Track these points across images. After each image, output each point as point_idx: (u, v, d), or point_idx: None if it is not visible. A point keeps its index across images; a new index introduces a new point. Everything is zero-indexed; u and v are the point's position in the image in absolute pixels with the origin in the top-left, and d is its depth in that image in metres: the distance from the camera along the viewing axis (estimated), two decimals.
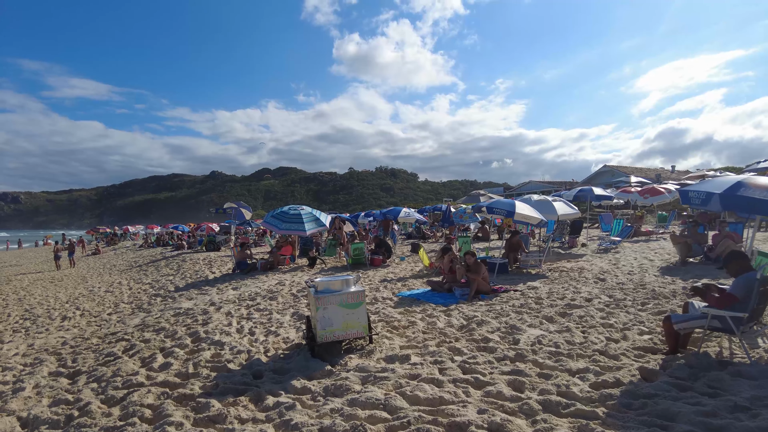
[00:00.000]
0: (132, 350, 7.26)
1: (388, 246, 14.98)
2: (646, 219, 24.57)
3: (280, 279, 12.70)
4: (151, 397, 5.04)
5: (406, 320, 7.28)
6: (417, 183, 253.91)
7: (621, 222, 17.87)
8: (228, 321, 8.34)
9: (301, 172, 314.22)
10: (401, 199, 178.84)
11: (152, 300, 12.19)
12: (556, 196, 17.11)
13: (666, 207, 25.43)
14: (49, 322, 10.96)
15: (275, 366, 5.65)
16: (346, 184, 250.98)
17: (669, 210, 23.49)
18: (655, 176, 43.48)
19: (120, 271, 21.09)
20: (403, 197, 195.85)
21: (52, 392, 5.91)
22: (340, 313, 5.69)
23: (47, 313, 12.16)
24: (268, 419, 4.20)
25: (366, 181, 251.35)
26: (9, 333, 10.32)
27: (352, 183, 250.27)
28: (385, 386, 4.66)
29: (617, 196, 25.43)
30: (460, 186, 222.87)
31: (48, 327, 10.44)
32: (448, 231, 17.40)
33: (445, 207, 22.54)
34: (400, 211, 18.61)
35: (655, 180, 37.37)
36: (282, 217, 15.65)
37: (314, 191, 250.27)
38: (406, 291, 9.83)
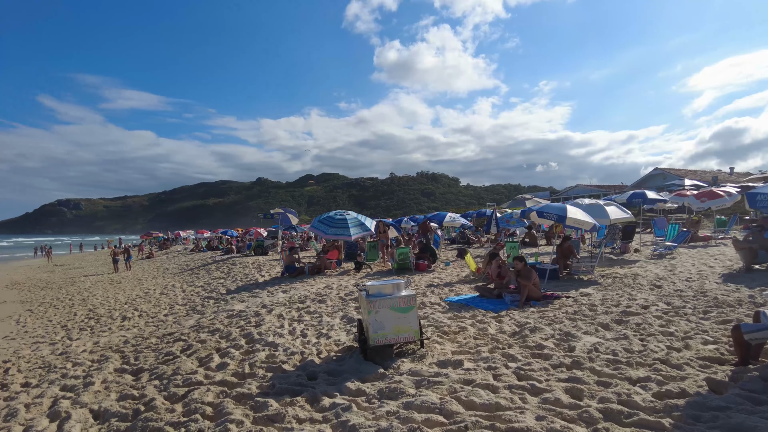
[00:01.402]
0: (189, 350, 7.55)
1: (432, 251, 14.95)
2: (704, 224, 23.46)
3: (327, 283, 12.89)
4: (211, 396, 5.23)
5: (456, 326, 7.24)
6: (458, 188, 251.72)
7: (676, 227, 17.13)
8: (280, 323, 8.54)
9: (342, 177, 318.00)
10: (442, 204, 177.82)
11: (205, 302, 12.63)
12: (607, 200, 16.61)
13: (725, 211, 24.19)
14: (111, 322, 11.55)
15: (328, 368, 5.76)
16: (387, 190, 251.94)
17: (729, 214, 22.32)
18: (712, 179, 41.44)
19: (173, 274, 21.95)
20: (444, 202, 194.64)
21: (119, 387, 6.23)
22: (392, 316, 5.73)
23: (109, 313, 12.82)
24: (325, 420, 4.28)
25: (407, 186, 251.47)
26: (77, 331, 10.95)
27: (393, 188, 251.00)
28: (440, 391, 4.66)
29: (671, 199, 24.41)
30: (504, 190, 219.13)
31: (110, 326, 11.00)
32: (494, 236, 17.16)
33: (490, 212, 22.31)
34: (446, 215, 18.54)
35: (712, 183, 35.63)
36: (328, 222, 15.91)
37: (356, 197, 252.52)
38: (453, 296, 9.78)
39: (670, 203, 22.84)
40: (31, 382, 7.17)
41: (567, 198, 43.95)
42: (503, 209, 27.35)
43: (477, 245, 22.29)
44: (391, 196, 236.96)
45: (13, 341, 10.65)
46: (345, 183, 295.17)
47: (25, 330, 11.85)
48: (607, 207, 13.26)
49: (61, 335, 10.64)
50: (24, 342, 10.39)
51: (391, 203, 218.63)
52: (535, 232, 20.14)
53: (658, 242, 16.46)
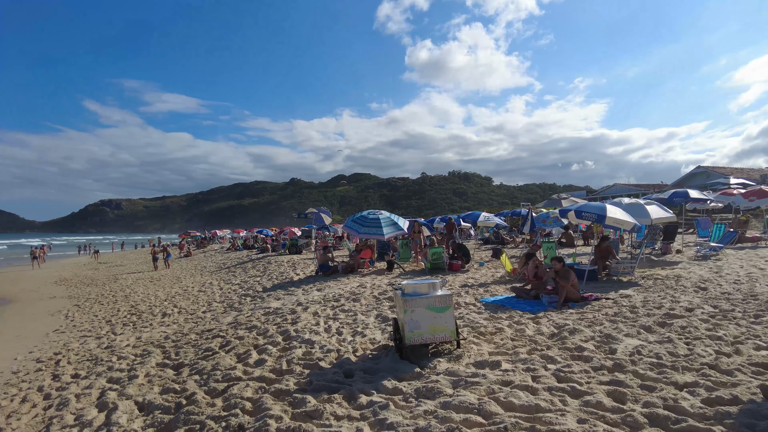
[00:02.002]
0: (228, 346, 7.72)
1: (466, 250, 14.82)
2: (752, 224, 22.45)
3: (360, 282, 12.96)
4: (250, 391, 5.33)
5: (492, 326, 7.16)
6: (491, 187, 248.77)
7: (722, 227, 16.45)
8: (315, 321, 8.64)
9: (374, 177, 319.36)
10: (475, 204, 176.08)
11: (242, 299, 12.89)
12: (647, 199, 16.10)
13: None
14: (152, 318, 11.92)
15: (365, 366, 5.79)
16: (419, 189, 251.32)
17: None
18: (761, 177, 39.63)
19: (210, 272, 22.48)
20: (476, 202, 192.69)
21: (161, 381, 6.43)
22: (428, 316, 5.72)
23: (149, 310, 13.23)
24: (363, 417, 4.31)
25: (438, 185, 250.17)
26: (120, 326, 11.35)
27: (425, 188, 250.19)
28: (478, 391, 4.62)
29: (716, 198, 23.46)
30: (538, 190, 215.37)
31: (151, 322, 11.36)
32: (529, 236, 16.86)
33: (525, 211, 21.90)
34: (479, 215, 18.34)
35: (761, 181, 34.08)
36: (361, 222, 15.99)
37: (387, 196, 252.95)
38: (489, 297, 9.68)
39: (714, 203, 21.97)
40: (80, 373, 7.49)
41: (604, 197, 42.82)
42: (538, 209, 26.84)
43: (512, 246, 21.99)
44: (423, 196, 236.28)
45: (62, 334, 11.13)
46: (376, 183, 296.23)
47: (73, 324, 12.36)
48: (647, 206, 12.86)
49: (106, 330, 11.05)
50: (72, 335, 10.85)
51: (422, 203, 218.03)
52: (573, 233, 19.70)
53: (702, 243, 15.85)
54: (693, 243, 17.93)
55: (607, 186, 62.70)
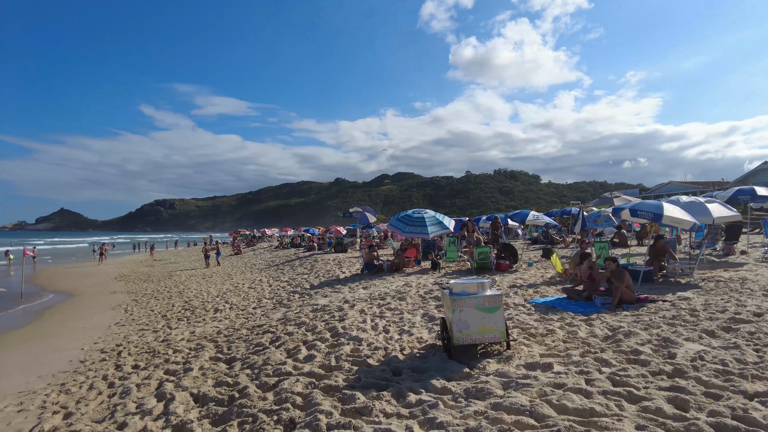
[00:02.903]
0: (278, 342, 7.90)
1: (514, 250, 14.53)
2: None
3: (406, 281, 12.95)
4: (300, 386, 5.43)
5: (543, 328, 6.99)
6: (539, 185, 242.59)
7: None
8: (362, 318, 8.70)
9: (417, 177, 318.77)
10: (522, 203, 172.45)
11: (291, 296, 13.15)
12: (708, 197, 15.27)
13: None
14: (205, 313, 12.35)
15: (412, 365, 5.77)
16: (463, 188, 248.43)
17: None
18: None
19: (260, 269, 23.07)
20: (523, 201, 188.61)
21: (214, 374, 6.65)
22: (477, 316, 5.64)
23: (202, 305, 13.72)
24: (412, 416, 4.29)
25: (483, 184, 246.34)
26: (175, 320, 11.83)
27: (469, 186, 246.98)
28: (529, 393, 4.52)
29: None
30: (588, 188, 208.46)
31: (204, 317, 11.77)
32: (579, 236, 16.34)
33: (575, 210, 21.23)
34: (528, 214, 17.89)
35: None
36: (406, 221, 15.97)
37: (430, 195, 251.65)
38: (539, 298, 9.45)
39: None
40: (140, 364, 7.86)
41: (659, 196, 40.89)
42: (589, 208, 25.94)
43: (562, 246, 21.38)
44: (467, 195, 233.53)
45: (123, 327, 11.72)
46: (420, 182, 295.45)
47: (132, 318, 12.99)
48: (708, 204, 12.19)
49: (161, 324, 11.55)
50: (132, 329, 11.40)
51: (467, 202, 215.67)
52: (626, 232, 18.93)
53: None
54: (760, 244, 16.87)
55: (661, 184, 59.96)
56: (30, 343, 11.24)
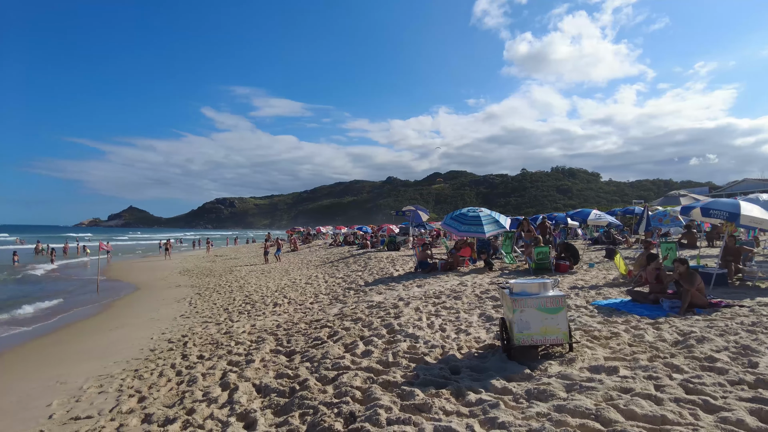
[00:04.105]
0: (335, 336, 8.04)
1: (574, 251, 14.05)
2: None
3: (461, 280, 12.82)
4: (359, 381, 5.50)
5: (607, 330, 6.72)
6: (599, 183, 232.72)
7: None
8: (418, 316, 8.70)
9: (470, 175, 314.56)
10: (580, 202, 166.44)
11: (346, 293, 13.34)
12: None
13: None
14: (264, 307, 12.73)
15: (471, 364, 5.71)
16: (518, 186, 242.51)
17: None
18: None
19: (315, 266, 23.56)
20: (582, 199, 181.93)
21: (275, 366, 6.85)
22: (539, 317, 5.50)
23: (262, 300, 14.16)
24: (472, 414, 4.25)
25: (540, 182, 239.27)
26: (236, 314, 12.28)
27: (525, 185, 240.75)
28: (594, 397, 4.36)
29: None
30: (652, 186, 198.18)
31: (264, 311, 12.14)
32: (644, 236, 15.57)
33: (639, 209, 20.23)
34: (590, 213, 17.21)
35: None
36: (461, 219, 15.80)
37: (484, 194, 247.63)
38: (602, 300, 9.09)
39: None
40: (204, 355, 8.22)
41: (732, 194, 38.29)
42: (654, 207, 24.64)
43: (624, 246, 20.46)
44: (523, 194, 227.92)
45: (187, 319, 12.30)
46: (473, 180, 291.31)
47: (196, 310, 13.61)
48: None
49: (224, 317, 12.02)
50: (196, 321, 11.94)
51: (522, 201, 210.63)
52: (696, 232, 17.86)
53: None
54: None
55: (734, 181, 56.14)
56: (105, 330, 12.03)
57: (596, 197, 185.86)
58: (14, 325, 13.04)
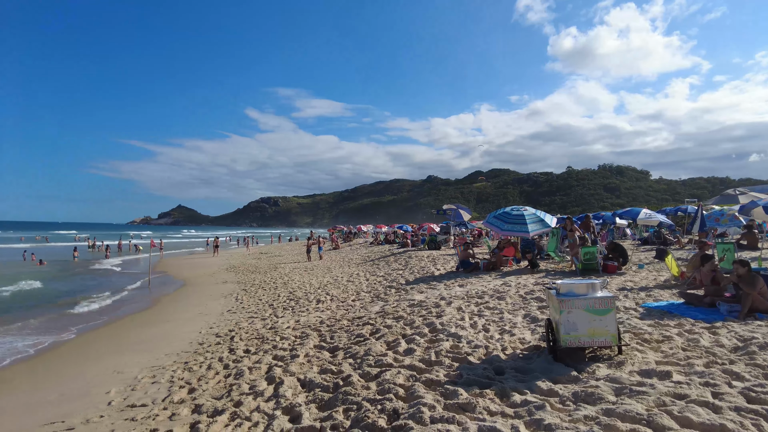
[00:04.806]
0: (377, 334, 8.09)
1: (623, 251, 13.56)
2: None
3: (504, 280, 12.63)
4: (402, 378, 5.52)
5: (659, 334, 6.46)
6: (649, 181, 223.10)
7: None
8: (460, 316, 8.64)
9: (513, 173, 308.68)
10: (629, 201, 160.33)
11: (387, 291, 13.39)
12: None
13: None
14: (308, 304, 12.95)
15: (515, 365, 5.63)
16: (564, 185, 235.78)
17: None
18: None
19: (356, 264, 23.76)
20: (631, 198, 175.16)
21: (319, 362, 6.97)
22: (586, 318, 5.35)
23: (305, 296, 14.41)
24: (517, 415, 4.19)
25: (586, 180, 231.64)
26: (281, 310, 12.55)
27: (571, 183, 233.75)
28: (645, 401, 4.21)
29: None
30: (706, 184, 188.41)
31: (307, 308, 12.35)
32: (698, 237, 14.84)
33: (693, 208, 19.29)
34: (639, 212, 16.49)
35: None
36: (504, 218, 15.57)
37: (527, 193, 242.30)
38: (652, 302, 8.75)
39: None
40: (251, 349, 8.45)
41: None
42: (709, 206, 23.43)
43: (676, 247, 19.58)
44: (568, 192, 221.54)
45: (234, 314, 12.67)
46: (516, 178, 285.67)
47: (242, 306, 14.00)
48: None
49: (269, 313, 12.31)
50: (242, 316, 12.29)
51: (567, 199, 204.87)
52: (757, 233, 16.87)
53: None
54: None
55: None
56: (157, 324, 12.56)
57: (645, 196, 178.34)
58: (75, 318, 13.84)
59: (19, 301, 16.48)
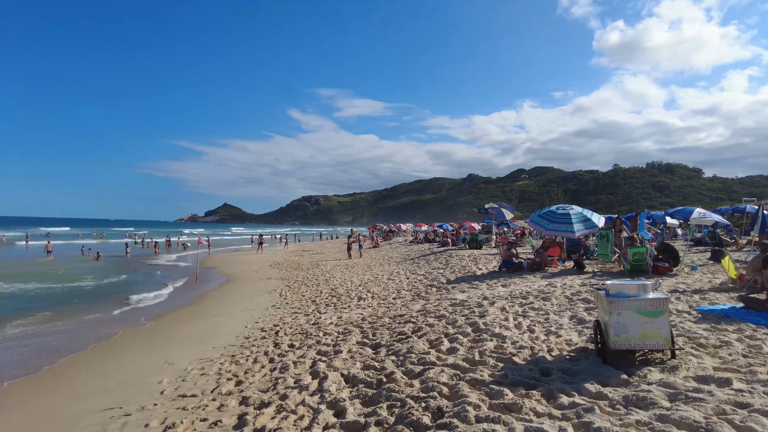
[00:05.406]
0: (419, 332, 8.09)
1: (674, 252, 13.01)
2: None
3: (549, 281, 12.36)
4: (445, 377, 5.50)
5: (716, 339, 6.17)
6: (701, 180, 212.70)
7: None
8: (504, 316, 8.52)
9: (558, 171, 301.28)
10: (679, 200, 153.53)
11: (428, 289, 13.36)
12: None
13: None
14: (349, 301, 13.09)
15: (562, 366, 5.51)
16: (610, 183, 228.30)
17: None
18: None
19: (396, 262, 23.81)
20: (681, 197, 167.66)
21: (362, 358, 7.03)
22: (637, 320, 5.17)
23: (347, 293, 14.56)
24: (565, 417, 4.10)
25: (634, 178, 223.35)
26: (323, 306, 12.74)
27: (617, 181, 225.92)
28: (703, 409, 4.03)
29: None
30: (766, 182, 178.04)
31: (349, 304, 12.49)
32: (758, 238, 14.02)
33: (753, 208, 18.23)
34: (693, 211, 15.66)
35: None
36: (549, 217, 15.23)
37: (572, 191, 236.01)
38: (707, 305, 8.36)
39: None
40: (295, 344, 8.62)
41: None
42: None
43: (733, 248, 18.63)
44: (615, 191, 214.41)
45: (278, 309, 12.95)
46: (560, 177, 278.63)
47: (286, 301, 14.29)
48: None
49: (312, 308, 12.52)
50: (286, 311, 12.54)
51: (614, 198, 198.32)
52: None
53: None
54: None
55: None
56: (204, 318, 13.00)
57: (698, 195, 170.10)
58: (128, 311, 14.52)
59: (78, 295, 17.46)
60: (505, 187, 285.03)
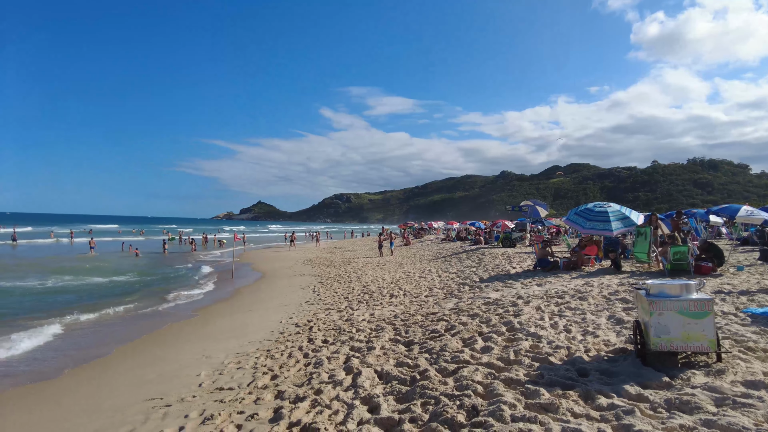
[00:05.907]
0: (452, 330, 8.05)
1: (719, 251, 12.51)
2: None
3: (586, 280, 12.08)
4: (480, 375, 5.45)
5: (766, 342, 5.90)
6: (748, 176, 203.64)
7: None
8: (540, 315, 8.38)
9: (594, 168, 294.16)
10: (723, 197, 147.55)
11: (461, 288, 13.27)
12: None
13: None
14: (381, 298, 13.14)
15: (600, 367, 5.39)
16: (649, 180, 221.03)
17: None
18: None
19: (428, 260, 23.74)
20: (725, 194, 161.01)
21: (395, 355, 7.05)
22: (680, 321, 5.00)
23: (379, 291, 14.62)
24: (604, 419, 4.01)
25: (674, 175, 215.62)
26: (356, 302, 12.83)
27: (656, 178, 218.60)
28: (753, 415, 3.86)
29: None
30: None
31: (381, 302, 12.53)
32: None
33: None
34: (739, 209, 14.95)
35: None
36: (586, 215, 14.89)
37: (609, 188, 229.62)
38: (756, 307, 8.00)
39: None
40: (328, 339, 8.71)
41: None
42: None
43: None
44: (654, 188, 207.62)
45: (312, 306, 13.12)
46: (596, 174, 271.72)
47: (319, 298, 14.46)
48: None
49: (344, 305, 12.63)
50: (319, 307, 12.69)
51: (653, 196, 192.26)
52: None
53: None
54: None
55: None
56: (240, 313, 13.29)
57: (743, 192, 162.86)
58: (168, 305, 14.98)
59: (120, 290, 18.16)
60: (539, 184, 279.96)
